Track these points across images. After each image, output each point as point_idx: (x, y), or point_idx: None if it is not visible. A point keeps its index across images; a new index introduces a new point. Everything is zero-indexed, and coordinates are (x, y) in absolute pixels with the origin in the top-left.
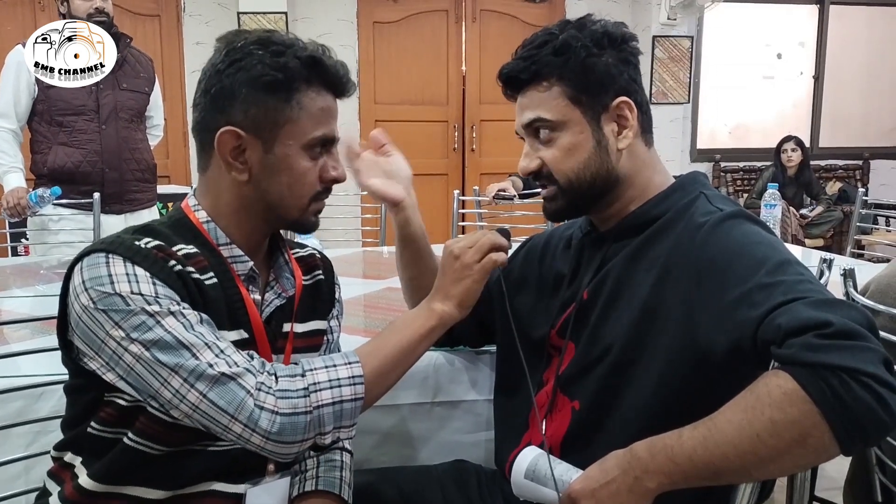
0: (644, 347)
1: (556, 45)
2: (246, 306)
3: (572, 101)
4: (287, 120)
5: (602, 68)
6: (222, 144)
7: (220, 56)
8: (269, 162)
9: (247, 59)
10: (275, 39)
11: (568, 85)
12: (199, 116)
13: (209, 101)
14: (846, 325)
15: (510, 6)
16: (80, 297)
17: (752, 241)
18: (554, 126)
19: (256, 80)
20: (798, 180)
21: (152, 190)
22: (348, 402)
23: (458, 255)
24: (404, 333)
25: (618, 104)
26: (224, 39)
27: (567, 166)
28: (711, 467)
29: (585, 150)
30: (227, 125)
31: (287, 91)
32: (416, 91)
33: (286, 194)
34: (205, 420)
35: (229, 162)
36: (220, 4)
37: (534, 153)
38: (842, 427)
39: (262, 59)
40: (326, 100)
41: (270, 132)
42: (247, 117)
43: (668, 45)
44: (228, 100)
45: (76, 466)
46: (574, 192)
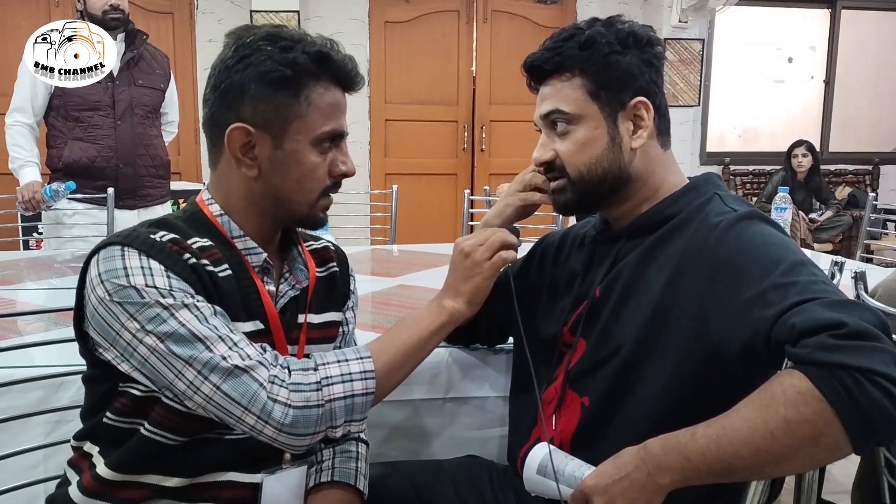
0: (655, 346)
1: (582, 40)
2: (261, 297)
3: (591, 96)
4: (296, 115)
5: (624, 66)
6: (232, 141)
7: (229, 52)
8: (279, 157)
9: (255, 54)
10: (283, 35)
11: (589, 79)
12: (209, 112)
13: (219, 98)
14: (860, 326)
15: (521, 7)
16: (96, 289)
17: (766, 241)
18: (571, 119)
19: (265, 75)
20: (808, 185)
21: (166, 186)
22: (359, 396)
23: (469, 253)
24: (415, 330)
25: (635, 104)
26: (233, 35)
27: (579, 160)
28: (725, 465)
29: (599, 145)
30: (237, 121)
31: (296, 86)
32: (427, 91)
33: (295, 189)
34: (218, 411)
35: (239, 158)
36: (233, 2)
37: (549, 144)
38: (855, 426)
39: (271, 55)
40: (335, 94)
41: (280, 128)
42: (256, 113)
43: (679, 48)
44: (238, 96)
45: (94, 456)
46: (584, 186)
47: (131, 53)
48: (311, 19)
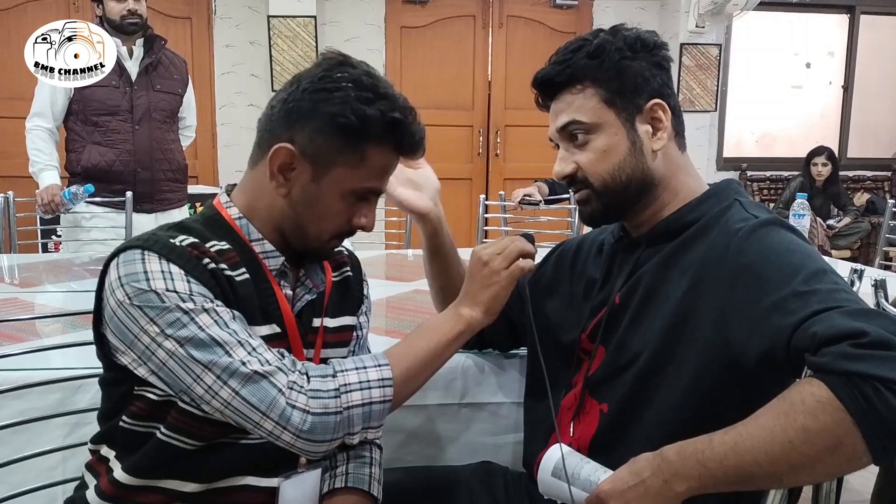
0: (674, 353)
1: (590, 49)
2: (278, 301)
3: (607, 104)
4: (345, 163)
5: (636, 71)
6: (276, 156)
7: (316, 75)
8: (311, 190)
9: (337, 92)
10: (369, 86)
11: (602, 87)
12: (269, 120)
13: (283, 113)
14: (882, 336)
15: (537, 12)
16: (116, 292)
17: (787, 248)
18: (589, 128)
19: (334, 117)
20: (826, 191)
21: (183, 190)
22: (377, 403)
23: (487, 262)
24: (432, 337)
25: (651, 106)
26: (329, 62)
27: (602, 168)
28: (742, 473)
29: (620, 151)
30: (289, 142)
31: (357, 139)
32: (442, 96)
33: (313, 223)
34: (236, 416)
35: (275, 173)
36: (251, 8)
37: (569, 157)
38: (874, 436)
39: (349, 101)
40: (391, 159)
41: (325, 166)
42: (310, 144)
43: (696, 53)
44: (301, 121)
45: (111, 460)
46: (609, 194)
47: (150, 59)
48: (327, 24)
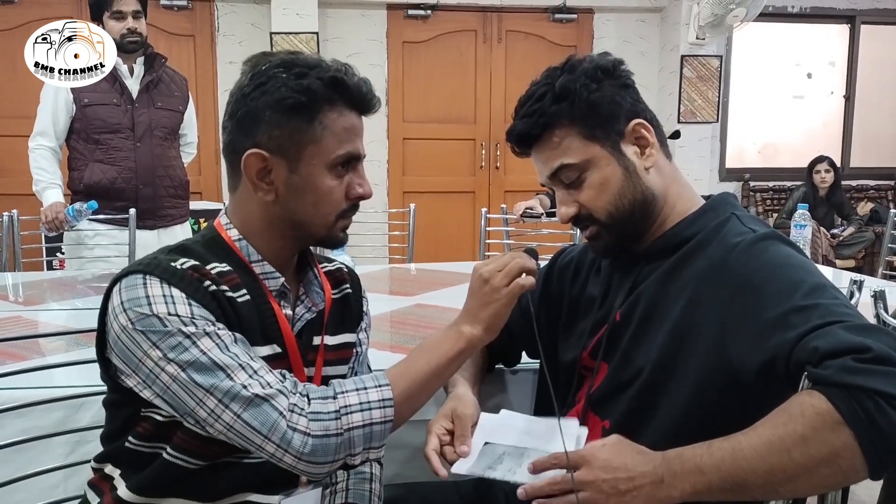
0: (675, 368)
1: (556, 93)
2: (278, 321)
3: (589, 139)
4: (311, 140)
5: (606, 98)
6: (248, 166)
7: (245, 79)
8: (295, 182)
9: (270, 82)
10: (298, 62)
11: (579, 125)
12: (227, 139)
13: (235, 124)
14: (884, 351)
15: (537, 27)
16: (119, 317)
17: (786, 262)
18: (580, 167)
19: (280, 102)
20: (829, 200)
21: (185, 206)
22: (378, 424)
23: (487, 279)
24: (433, 355)
25: (633, 127)
26: (250, 62)
27: (604, 201)
28: (738, 479)
29: (617, 180)
30: (253, 147)
31: (310, 112)
32: (444, 110)
33: (312, 213)
34: (239, 439)
35: (256, 182)
36: (254, 25)
37: (569, 199)
38: (873, 450)
39: (286, 82)
40: (350, 118)
41: (295, 153)
42: (271, 139)
43: (697, 65)
44: (253, 123)
45: (115, 479)
46: (618, 224)
47: (150, 76)
48: (329, 40)
